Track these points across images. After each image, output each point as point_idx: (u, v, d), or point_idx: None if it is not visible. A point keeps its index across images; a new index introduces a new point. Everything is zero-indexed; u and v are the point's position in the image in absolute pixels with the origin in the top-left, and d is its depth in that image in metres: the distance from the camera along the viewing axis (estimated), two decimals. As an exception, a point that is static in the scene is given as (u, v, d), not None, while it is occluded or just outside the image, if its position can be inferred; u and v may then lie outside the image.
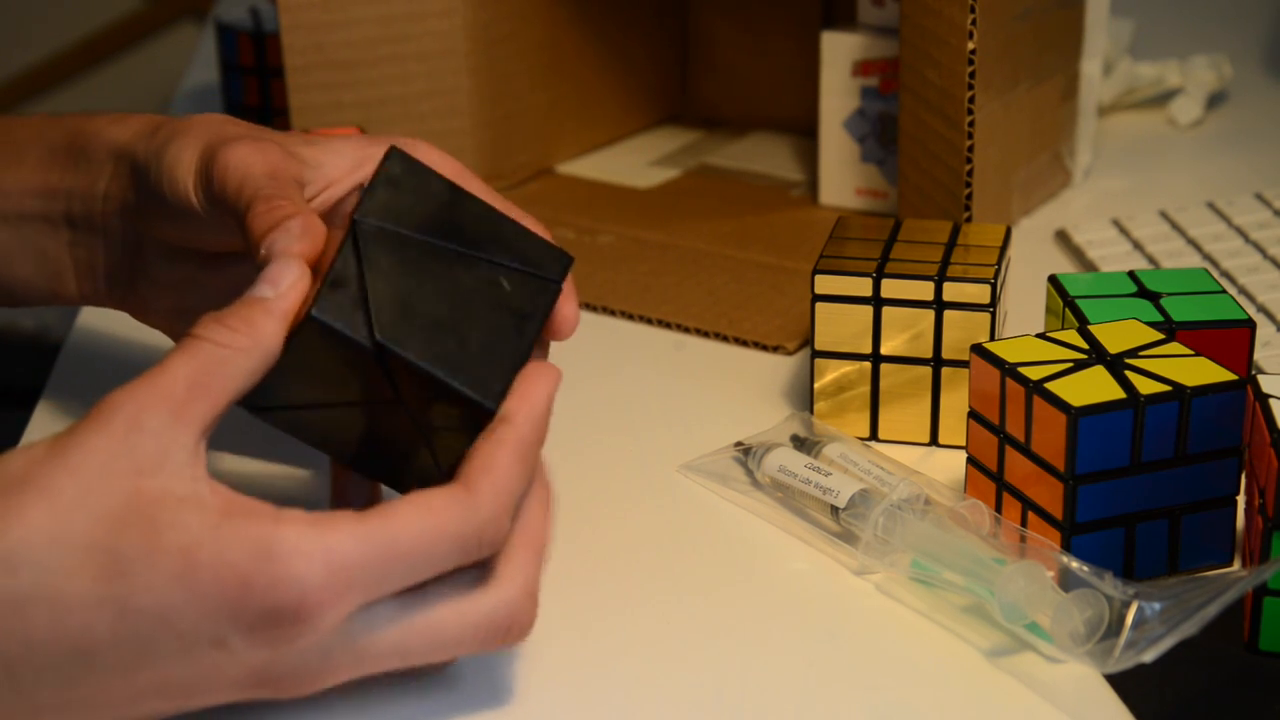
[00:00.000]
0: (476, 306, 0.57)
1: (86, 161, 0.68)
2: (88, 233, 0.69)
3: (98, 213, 0.68)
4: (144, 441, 0.52)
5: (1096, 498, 0.62)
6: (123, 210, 0.68)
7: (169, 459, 0.52)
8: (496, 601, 0.54)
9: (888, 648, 0.61)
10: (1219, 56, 1.14)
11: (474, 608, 0.54)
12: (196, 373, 0.53)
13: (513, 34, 1.00)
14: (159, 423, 0.52)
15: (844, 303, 0.73)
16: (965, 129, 0.86)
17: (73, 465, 0.51)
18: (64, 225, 0.69)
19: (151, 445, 0.52)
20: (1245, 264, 0.87)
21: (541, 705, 0.58)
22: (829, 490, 0.67)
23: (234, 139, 0.62)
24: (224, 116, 0.66)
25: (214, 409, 0.53)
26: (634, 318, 0.87)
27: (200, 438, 0.53)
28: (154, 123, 0.67)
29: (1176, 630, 0.56)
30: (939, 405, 0.74)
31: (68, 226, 0.69)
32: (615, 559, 0.67)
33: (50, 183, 0.69)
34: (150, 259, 0.68)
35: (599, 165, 1.07)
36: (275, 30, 1.04)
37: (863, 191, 0.99)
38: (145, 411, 0.52)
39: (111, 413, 0.52)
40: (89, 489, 0.51)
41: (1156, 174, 1.05)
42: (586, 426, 0.74)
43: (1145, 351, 0.65)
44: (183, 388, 0.53)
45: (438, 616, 0.54)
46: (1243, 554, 0.65)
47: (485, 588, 0.54)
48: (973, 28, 0.84)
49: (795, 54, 1.07)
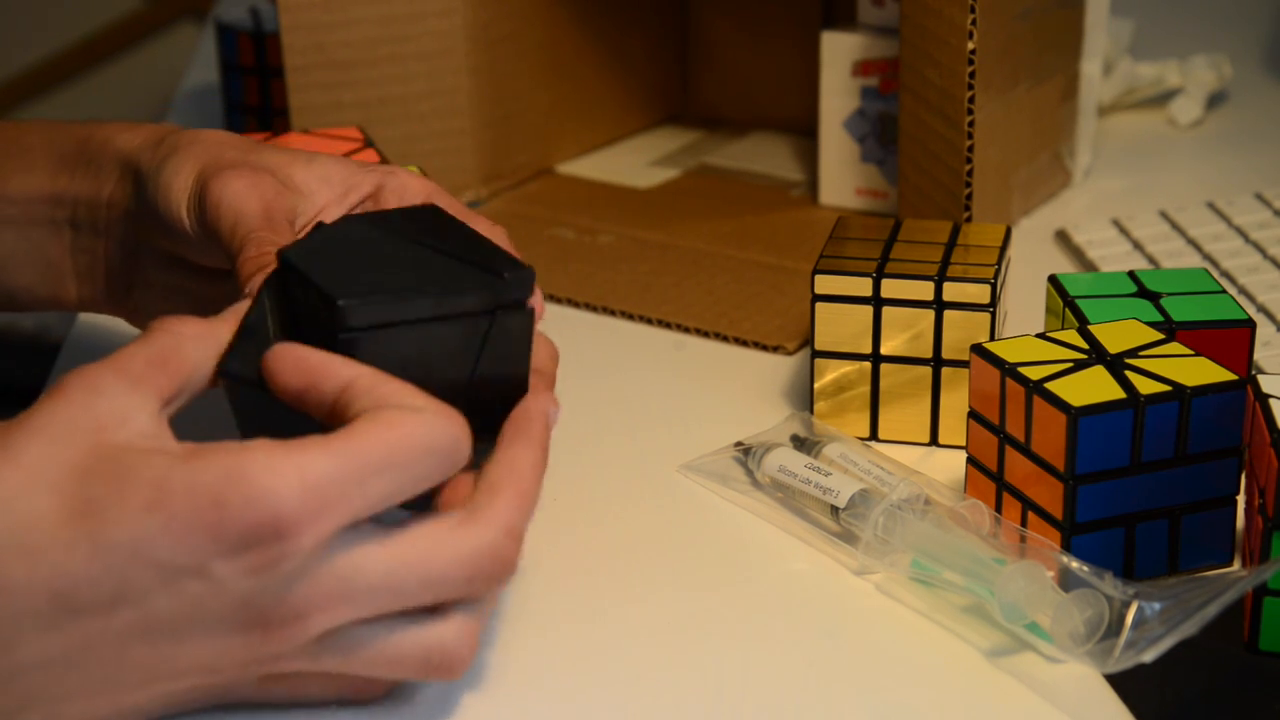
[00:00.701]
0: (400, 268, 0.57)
1: (95, 167, 0.69)
2: (91, 237, 0.69)
3: (101, 218, 0.69)
4: (102, 403, 0.52)
5: (1096, 498, 0.62)
6: (125, 215, 0.68)
7: (129, 419, 0.52)
8: (479, 539, 0.53)
9: (888, 648, 0.61)
10: (1219, 56, 1.14)
11: (459, 540, 0.53)
12: (153, 352, 0.54)
13: (513, 34, 1.00)
14: (117, 389, 0.52)
15: (844, 303, 0.73)
16: (965, 129, 0.86)
17: (33, 428, 0.51)
18: (68, 229, 0.70)
19: (110, 405, 0.52)
20: (1245, 264, 0.87)
21: (541, 704, 0.58)
22: (829, 490, 0.67)
23: (229, 167, 0.64)
24: (222, 135, 0.67)
25: (171, 383, 0.54)
26: (634, 318, 0.87)
27: (160, 406, 0.53)
28: (160, 133, 0.68)
29: (1176, 630, 0.56)
30: (939, 405, 0.74)
31: (72, 230, 0.70)
32: (615, 559, 0.67)
33: (58, 188, 0.69)
34: (147, 264, 0.69)
35: (599, 165, 1.07)
36: (275, 30, 1.04)
37: (863, 191, 0.99)
38: (102, 380, 0.53)
39: (68, 384, 0.52)
40: (51, 446, 0.51)
41: (1156, 174, 1.05)
42: (586, 426, 0.74)
43: (1145, 351, 0.65)
44: (140, 363, 0.54)
45: (424, 547, 0.53)
46: (1243, 554, 0.65)
47: (469, 524, 0.54)
48: (973, 28, 0.84)
49: (795, 54, 1.07)
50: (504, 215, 1.00)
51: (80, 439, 0.51)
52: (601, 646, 0.61)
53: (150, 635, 0.51)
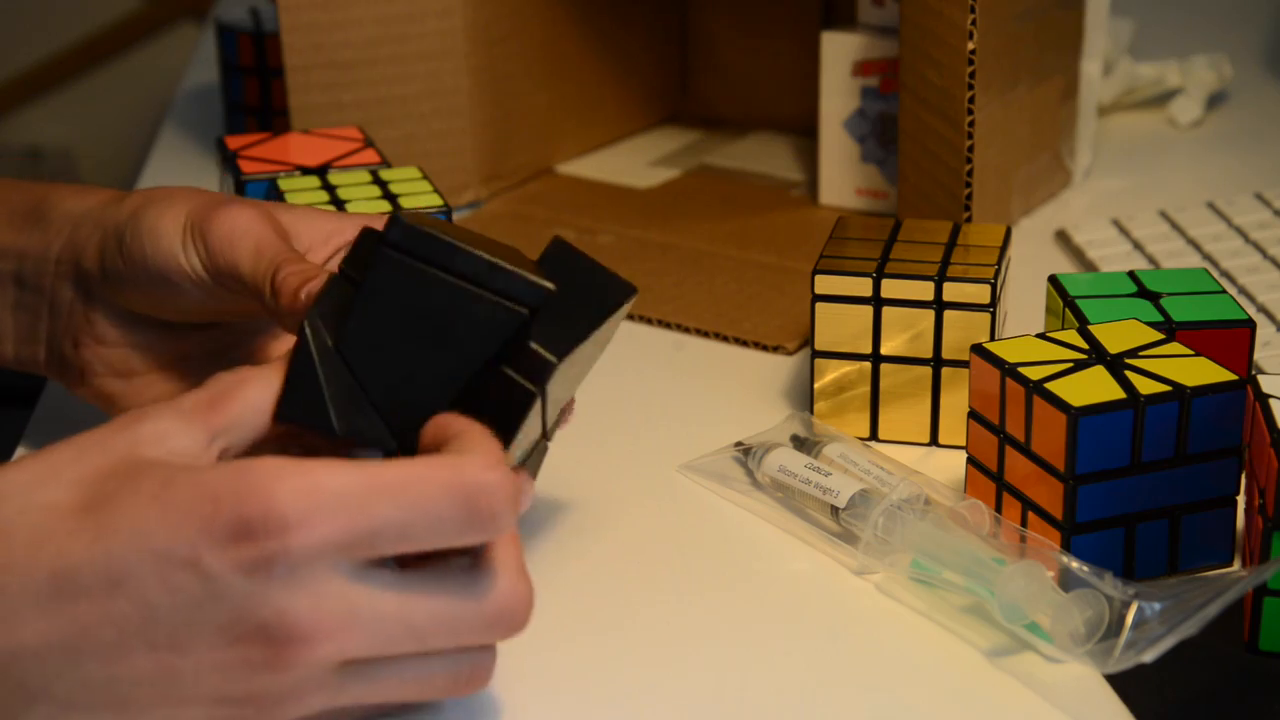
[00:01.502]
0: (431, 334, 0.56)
1: (44, 225, 0.69)
2: (35, 295, 0.70)
3: (48, 275, 0.69)
4: (145, 425, 0.53)
5: (1096, 498, 0.62)
6: (76, 276, 0.68)
7: (168, 439, 0.53)
8: (493, 584, 0.53)
9: (888, 648, 0.61)
10: (1219, 56, 1.14)
11: (475, 585, 0.53)
12: (209, 391, 0.55)
13: (513, 34, 1.00)
14: (162, 416, 0.53)
15: (844, 303, 0.73)
16: (965, 129, 0.86)
17: (72, 441, 0.53)
18: (11, 286, 0.70)
19: (153, 428, 0.53)
20: (1245, 264, 0.87)
21: (541, 704, 0.58)
22: (829, 490, 0.67)
23: (224, 204, 0.64)
24: (191, 188, 0.67)
25: (220, 418, 0.54)
26: (634, 318, 0.87)
27: (208, 438, 0.54)
28: (117, 194, 0.69)
29: (1176, 630, 0.56)
30: (939, 405, 0.74)
31: (15, 287, 0.70)
32: (615, 559, 0.67)
33: (4, 243, 0.70)
34: (101, 321, 0.69)
35: (599, 165, 1.07)
36: (275, 30, 1.04)
37: (863, 191, 0.99)
38: (150, 411, 0.54)
39: (120, 414, 0.54)
40: (81, 452, 0.52)
41: (1156, 174, 1.05)
42: (587, 426, 0.73)
43: (1145, 351, 0.65)
44: (190, 402, 0.54)
45: (438, 590, 0.52)
46: (1243, 554, 0.65)
47: (482, 571, 0.53)
48: (973, 28, 0.84)
49: (795, 54, 1.07)
50: (504, 215, 1.00)
51: (113, 451, 0.52)
52: (601, 646, 0.61)
53: (149, 637, 0.51)
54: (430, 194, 0.76)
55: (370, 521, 0.51)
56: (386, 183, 0.77)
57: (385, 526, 0.51)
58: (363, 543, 0.51)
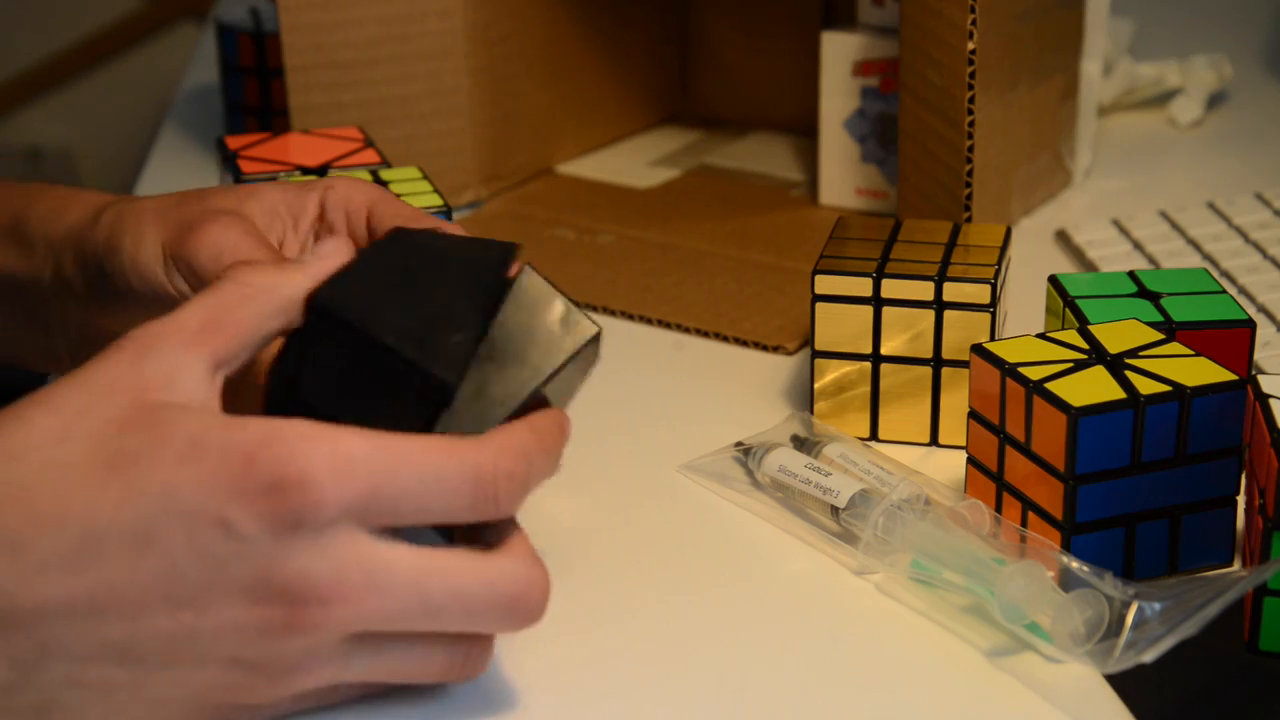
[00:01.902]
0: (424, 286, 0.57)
1: (28, 249, 0.69)
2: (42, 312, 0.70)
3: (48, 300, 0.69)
4: (151, 363, 0.53)
5: (1096, 498, 0.62)
6: (73, 299, 0.68)
7: (176, 380, 0.53)
8: (508, 566, 0.54)
9: (888, 648, 0.61)
10: (1219, 56, 1.14)
11: (490, 565, 0.53)
12: (212, 309, 0.55)
13: (513, 34, 1.00)
14: (169, 349, 0.54)
15: (844, 303, 0.73)
16: (965, 129, 0.86)
17: (78, 382, 0.53)
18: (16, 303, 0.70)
19: (158, 366, 0.53)
20: (1245, 264, 0.87)
21: (541, 704, 0.58)
22: (829, 490, 0.67)
23: (197, 224, 0.63)
24: (160, 196, 0.67)
25: (227, 344, 0.55)
26: (634, 318, 0.87)
27: (212, 370, 0.54)
28: (90, 208, 0.67)
29: (1176, 630, 0.56)
30: (939, 405, 0.74)
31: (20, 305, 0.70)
32: (615, 559, 0.67)
33: None
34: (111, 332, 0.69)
35: (599, 165, 1.07)
36: (275, 30, 1.04)
37: (863, 191, 0.99)
38: (156, 340, 0.54)
39: (123, 342, 0.54)
40: (91, 398, 0.52)
41: (1156, 174, 1.05)
42: (586, 426, 0.73)
43: (1145, 351, 0.65)
44: (196, 323, 0.54)
45: (455, 566, 0.53)
46: (1243, 554, 0.65)
47: (496, 552, 0.54)
48: (973, 28, 0.84)
49: (795, 54, 1.07)
50: (504, 215, 1.00)
51: (122, 397, 0.52)
52: (600, 646, 0.61)
53: (172, 596, 0.51)
54: (430, 194, 0.76)
55: (395, 489, 0.52)
56: (386, 183, 0.77)
57: (408, 495, 0.52)
58: (386, 509, 0.52)
